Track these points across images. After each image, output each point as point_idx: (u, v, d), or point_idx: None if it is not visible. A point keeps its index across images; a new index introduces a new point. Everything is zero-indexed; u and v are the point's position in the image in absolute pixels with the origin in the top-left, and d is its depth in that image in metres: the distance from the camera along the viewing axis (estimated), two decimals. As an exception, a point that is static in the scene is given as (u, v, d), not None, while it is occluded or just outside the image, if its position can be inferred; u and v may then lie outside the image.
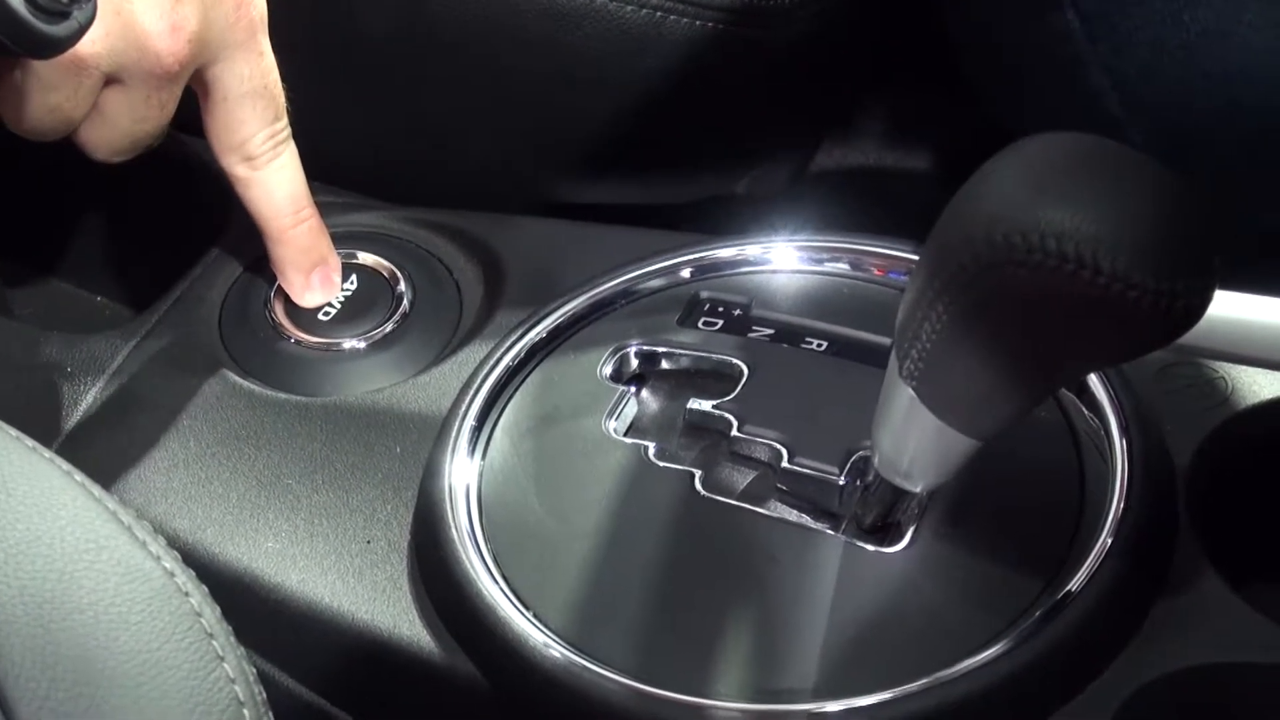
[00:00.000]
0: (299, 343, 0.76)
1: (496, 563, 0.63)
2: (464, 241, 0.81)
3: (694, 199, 0.91)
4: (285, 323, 0.77)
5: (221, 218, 0.82)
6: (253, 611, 0.65)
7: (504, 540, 0.64)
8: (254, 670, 0.48)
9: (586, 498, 0.65)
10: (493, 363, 0.71)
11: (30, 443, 0.51)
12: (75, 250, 0.91)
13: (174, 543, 0.51)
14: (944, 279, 0.47)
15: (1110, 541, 0.59)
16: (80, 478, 0.50)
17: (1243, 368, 0.65)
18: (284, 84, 0.74)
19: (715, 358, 0.70)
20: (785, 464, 0.64)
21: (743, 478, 0.66)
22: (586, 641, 0.60)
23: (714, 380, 0.69)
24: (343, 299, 0.78)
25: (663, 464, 0.66)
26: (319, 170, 0.82)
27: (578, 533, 0.64)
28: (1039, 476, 0.63)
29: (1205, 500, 0.62)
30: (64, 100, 0.67)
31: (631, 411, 0.69)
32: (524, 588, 0.62)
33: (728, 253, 0.74)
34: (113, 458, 0.71)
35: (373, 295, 0.78)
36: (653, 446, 0.66)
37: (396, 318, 0.77)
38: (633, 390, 0.70)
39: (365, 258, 0.80)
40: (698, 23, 0.80)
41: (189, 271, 0.82)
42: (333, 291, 0.78)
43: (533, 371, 0.71)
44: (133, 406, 0.74)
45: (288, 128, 0.75)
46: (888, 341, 0.52)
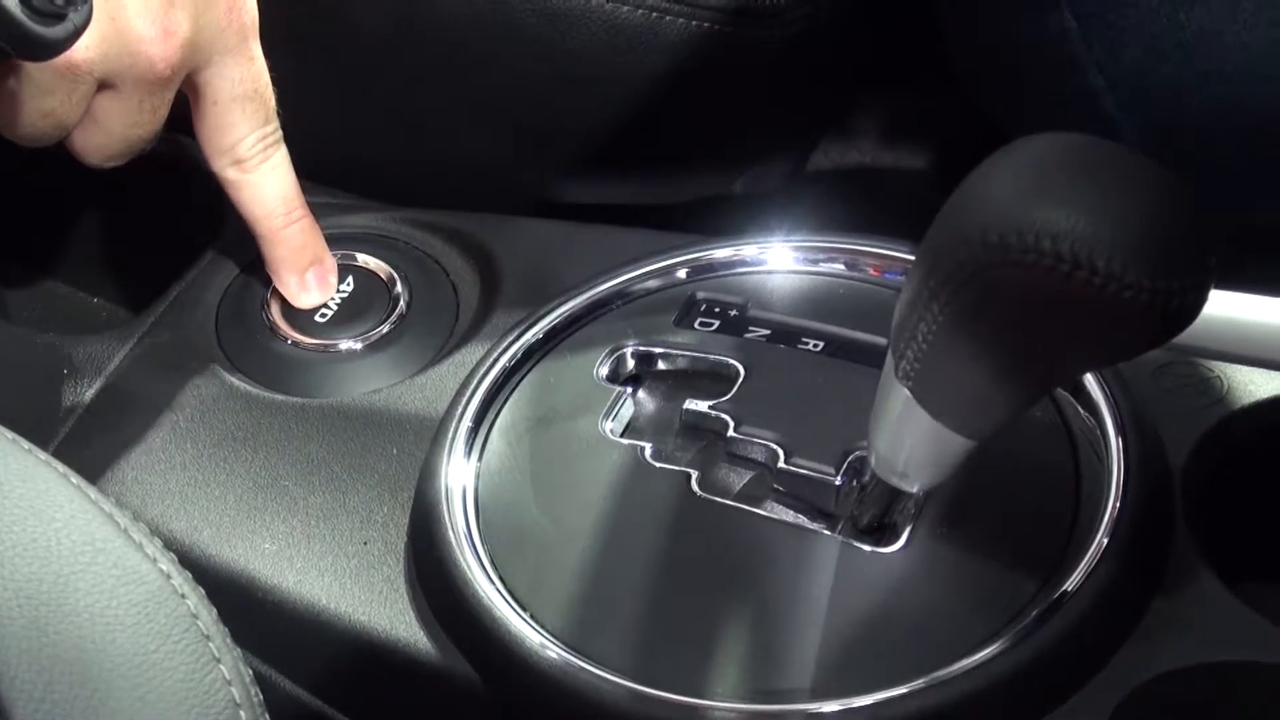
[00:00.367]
0: (295, 344, 0.76)
1: (493, 564, 0.63)
2: (460, 242, 0.81)
3: (690, 199, 0.91)
4: (282, 324, 0.77)
5: (218, 219, 0.82)
6: (250, 613, 0.65)
7: (500, 541, 0.64)
8: (251, 672, 0.48)
9: (583, 499, 0.65)
10: (489, 364, 0.71)
11: (26, 444, 0.51)
12: (72, 252, 0.91)
13: (171, 544, 0.51)
14: (940, 279, 0.47)
15: (1106, 541, 0.59)
16: (77, 479, 0.50)
17: (1238, 367, 0.64)
18: (280, 85, 0.74)
19: (711, 358, 0.70)
20: (781, 464, 0.64)
21: (739, 478, 0.66)
22: (583, 642, 0.60)
23: (710, 381, 0.69)
24: (339, 300, 0.78)
25: (659, 464, 0.66)
26: (315, 171, 0.82)
27: (574, 533, 0.64)
28: (1035, 476, 0.63)
29: (1201, 500, 0.62)
30: (57, 105, 0.68)
31: (628, 412, 0.69)
32: (520, 589, 0.62)
33: (724, 253, 0.74)
34: (109, 459, 0.71)
35: (369, 297, 0.78)
36: (649, 447, 0.66)
37: (393, 319, 0.77)
38: (629, 391, 0.70)
39: (361, 259, 0.80)
40: (693, 23, 0.80)
41: (185, 273, 0.81)
42: (328, 291, 0.78)
43: (529, 372, 0.71)
44: (129, 408, 0.74)
45: (278, 130, 0.75)
46: (884, 342, 0.52)
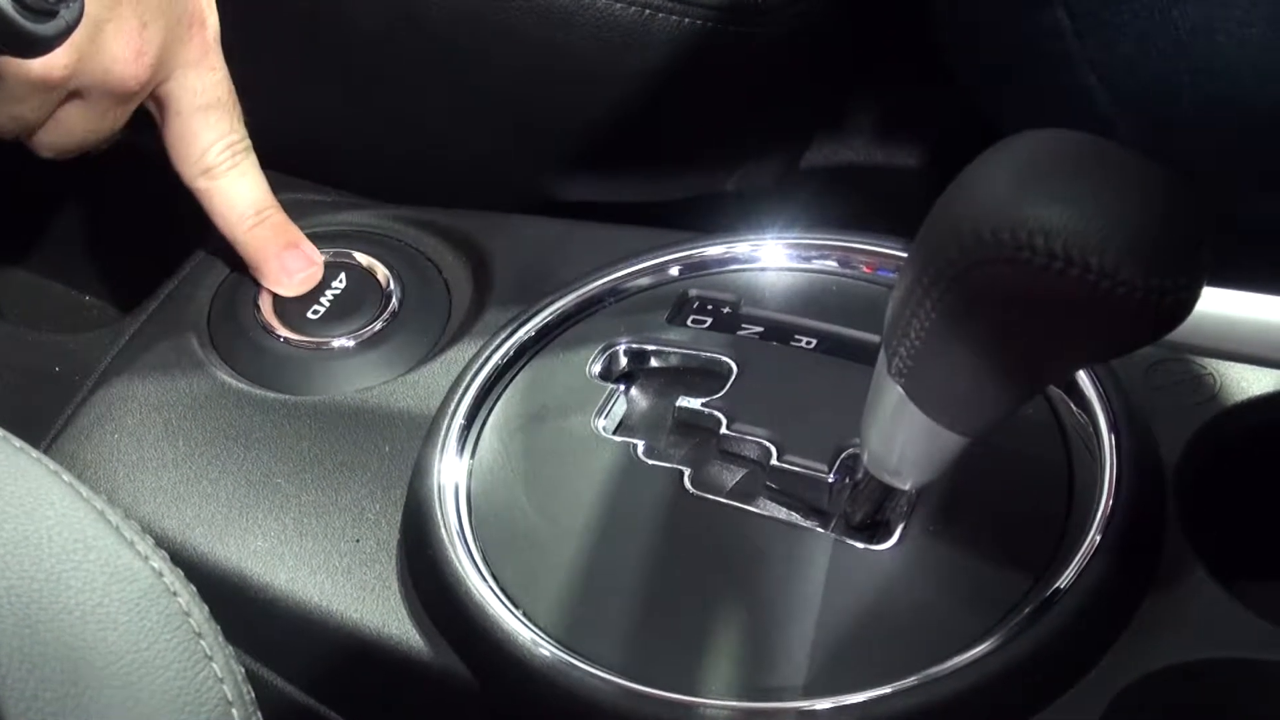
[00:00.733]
0: (287, 341, 0.76)
1: (485, 561, 0.63)
2: (453, 240, 0.81)
3: (683, 196, 0.91)
4: (273, 321, 0.77)
5: (209, 217, 0.82)
6: (241, 611, 0.65)
7: (493, 539, 0.64)
8: (242, 669, 0.48)
9: (575, 496, 0.65)
10: (482, 361, 0.71)
11: (18, 442, 0.51)
12: (63, 250, 0.91)
13: (162, 542, 0.51)
14: (932, 276, 0.47)
15: (1099, 538, 0.59)
16: (68, 477, 0.50)
17: (1231, 364, 0.65)
18: (275, 83, 0.74)
19: (704, 355, 0.70)
20: (774, 461, 0.64)
21: (732, 475, 0.66)
22: (576, 640, 0.60)
23: (703, 378, 0.69)
24: (331, 297, 0.78)
25: (652, 462, 0.65)
26: (309, 168, 0.82)
27: (567, 531, 0.63)
28: (1028, 474, 0.63)
29: (1194, 497, 0.62)
30: (28, 111, 0.70)
31: (620, 410, 0.69)
32: (513, 586, 0.62)
33: (717, 250, 0.74)
34: (100, 457, 0.71)
35: (362, 294, 0.78)
36: (642, 445, 0.66)
37: (385, 316, 0.77)
38: (622, 388, 0.70)
39: (354, 256, 0.80)
40: (686, 20, 0.80)
41: (177, 271, 0.81)
42: (310, 271, 0.78)
43: (522, 370, 0.71)
44: (120, 406, 0.73)
45: (245, 139, 0.76)
46: (877, 339, 0.52)
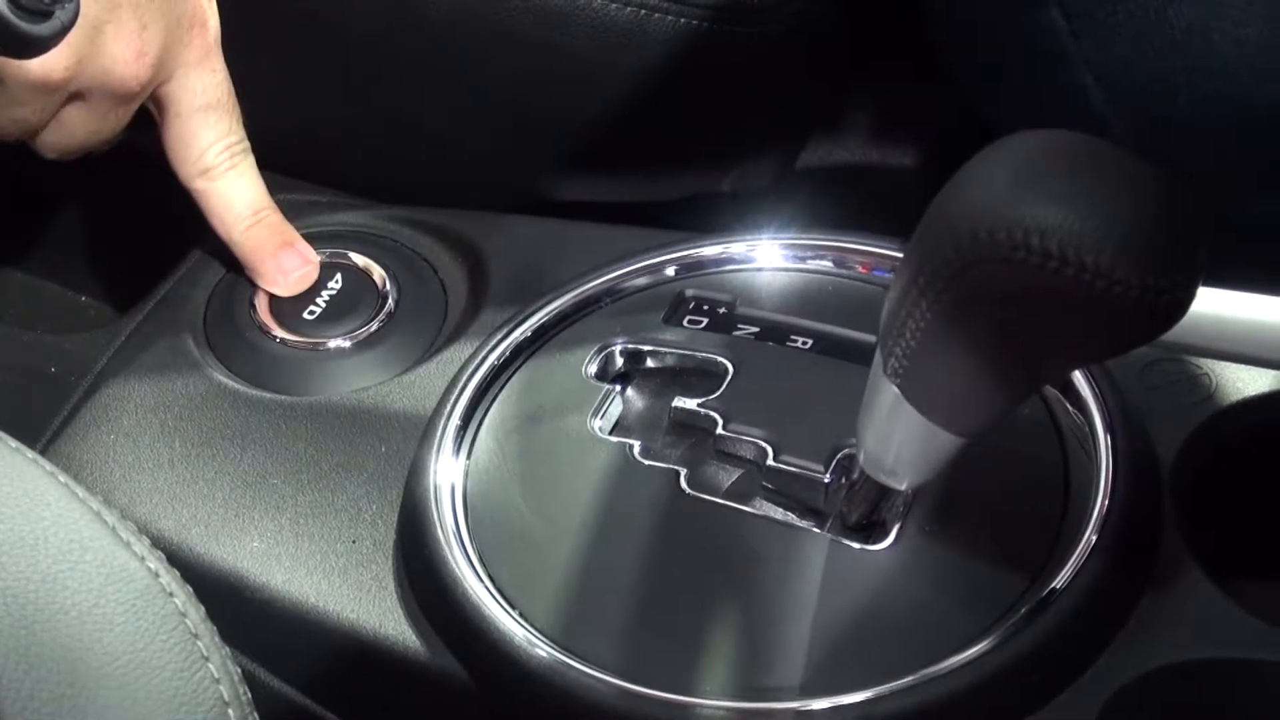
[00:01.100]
0: (284, 342, 0.76)
1: (482, 561, 0.63)
2: (449, 240, 0.81)
3: (679, 196, 0.91)
4: (270, 322, 0.77)
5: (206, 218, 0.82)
6: (238, 611, 0.65)
7: (489, 539, 0.64)
8: (239, 670, 0.48)
9: (572, 496, 0.65)
10: (478, 361, 0.71)
11: (13, 443, 0.51)
12: (59, 251, 0.91)
13: (158, 543, 0.51)
14: (928, 276, 0.47)
15: (1095, 538, 0.59)
16: (64, 478, 0.50)
17: (1227, 364, 0.65)
18: (271, 83, 0.74)
19: (700, 356, 0.70)
20: (770, 462, 0.64)
21: (728, 476, 0.65)
22: (572, 640, 0.60)
23: (699, 378, 0.69)
24: (327, 298, 0.78)
25: (648, 462, 0.65)
26: (305, 169, 0.82)
27: (563, 531, 0.63)
28: (1024, 474, 0.63)
29: (1190, 497, 0.62)
30: (29, 114, 0.69)
31: (616, 410, 0.69)
32: (509, 586, 0.62)
33: (713, 250, 0.74)
34: (97, 458, 0.71)
35: (358, 294, 0.78)
36: (638, 445, 0.66)
37: (381, 317, 0.77)
38: (618, 389, 0.70)
39: (350, 256, 0.79)
40: (683, 20, 0.80)
41: (173, 271, 0.81)
42: (305, 270, 0.78)
43: (518, 370, 0.71)
44: (117, 406, 0.73)
45: (244, 140, 0.76)
46: (873, 339, 0.52)
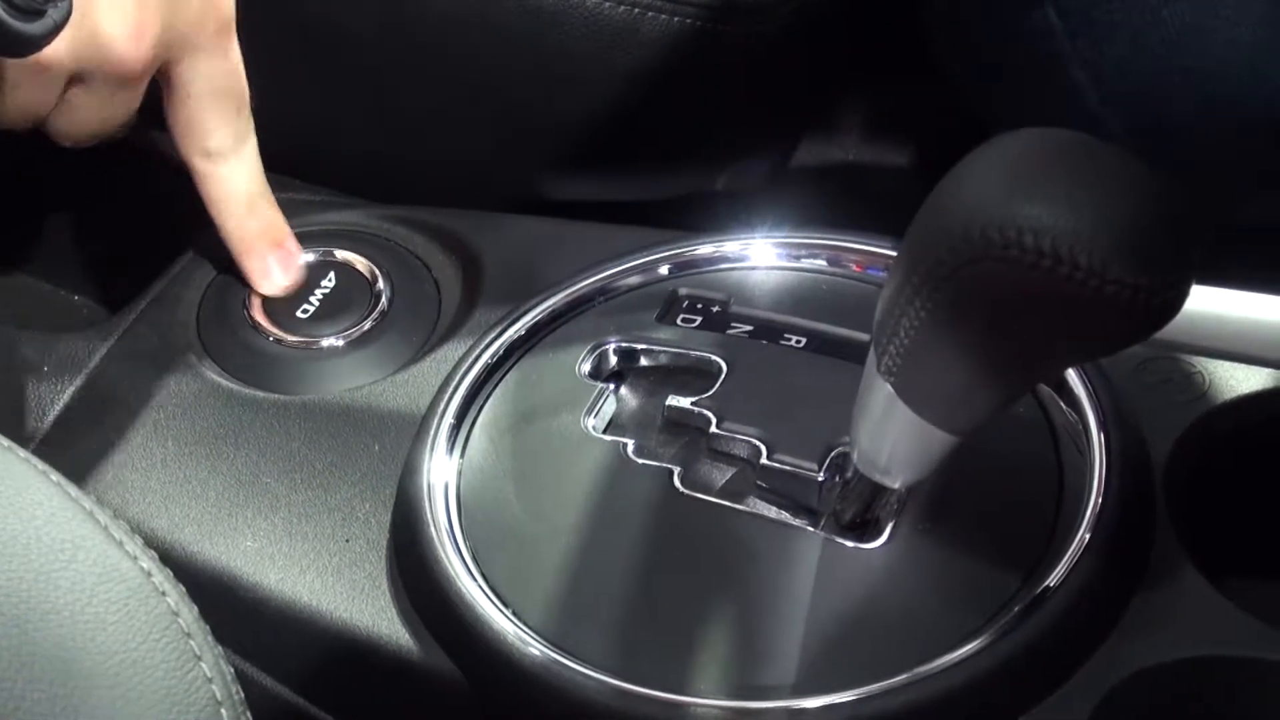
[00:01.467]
0: (277, 341, 0.76)
1: (475, 560, 0.63)
2: (442, 239, 0.81)
3: (673, 195, 0.91)
4: (263, 321, 0.77)
5: (199, 216, 0.82)
6: (231, 611, 0.65)
7: (483, 538, 0.64)
8: (232, 669, 0.48)
9: (565, 495, 0.65)
10: (471, 360, 0.71)
11: (6, 442, 0.51)
12: (51, 249, 0.91)
13: (151, 542, 0.51)
14: (922, 274, 0.47)
15: (1088, 537, 0.59)
16: (56, 477, 0.50)
17: (1220, 362, 0.65)
18: (266, 81, 0.74)
19: (694, 354, 0.70)
20: (764, 460, 0.64)
21: (722, 474, 0.65)
22: (566, 639, 0.60)
23: (693, 377, 0.69)
24: (321, 297, 0.78)
25: (641, 461, 0.65)
26: (298, 168, 0.82)
27: (557, 530, 0.63)
28: (1018, 472, 0.63)
29: (1183, 495, 0.62)
30: (30, 98, 0.69)
31: (610, 409, 0.69)
32: (503, 585, 0.62)
33: (706, 249, 0.74)
34: (89, 457, 0.71)
35: (351, 293, 0.78)
36: (631, 444, 0.66)
37: (375, 316, 0.77)
38: (611, 387, 0.70)
39: (343, 256, 0.79)
40: (676, 19, 0.80)
41: (166, 270, 0.81)
42: (293, 275, 0.78)
43: (511, 369, 0.71)
44: (110, 405, 0.73)
45: (251, 126, 0.75)
46: (866, 337, 0.52)
